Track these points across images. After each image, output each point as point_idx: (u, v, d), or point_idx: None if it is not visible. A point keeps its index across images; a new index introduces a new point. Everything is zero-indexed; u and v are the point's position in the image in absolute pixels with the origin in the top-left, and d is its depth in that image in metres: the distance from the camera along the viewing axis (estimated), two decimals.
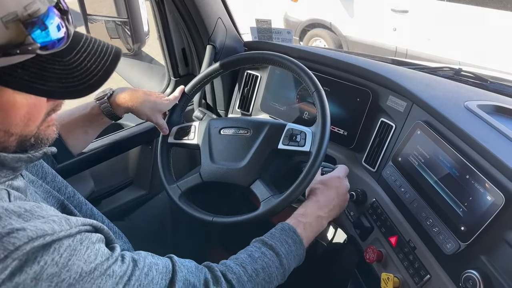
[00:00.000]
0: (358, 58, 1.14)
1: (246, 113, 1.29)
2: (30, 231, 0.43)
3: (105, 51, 0.52)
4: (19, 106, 0.47)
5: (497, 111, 0.91)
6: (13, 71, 0.43)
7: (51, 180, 0.71)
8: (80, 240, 0.48)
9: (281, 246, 0.73)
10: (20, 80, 0.44)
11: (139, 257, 0.57)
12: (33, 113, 0.50)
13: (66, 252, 0.45)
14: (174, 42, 1.31)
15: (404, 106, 0.93)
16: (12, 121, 0.48)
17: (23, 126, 0.49)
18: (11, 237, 0.41)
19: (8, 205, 0.45)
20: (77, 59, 0.49)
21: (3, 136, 0.48)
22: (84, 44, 0.51)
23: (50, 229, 0.45)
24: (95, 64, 0.50)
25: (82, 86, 0.49)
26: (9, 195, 0.47)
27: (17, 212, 0.44)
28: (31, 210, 0.46)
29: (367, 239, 0.94)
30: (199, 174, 0.92)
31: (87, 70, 0.49)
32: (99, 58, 0.51)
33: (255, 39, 1.37)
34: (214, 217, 0.85)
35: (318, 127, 0.83)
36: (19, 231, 0.42)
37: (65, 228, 0.47)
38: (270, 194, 0.83)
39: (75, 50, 0.49)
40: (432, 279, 0.76)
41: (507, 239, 0.64)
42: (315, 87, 0.85)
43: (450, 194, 0.75)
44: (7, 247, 0.41)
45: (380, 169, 0.95)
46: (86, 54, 0.50)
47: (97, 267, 0.48)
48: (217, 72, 1.01)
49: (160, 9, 1.23)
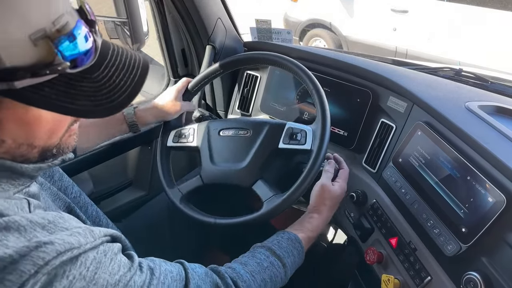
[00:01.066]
0: (358, 59, 1.13)
1: (246, 113, 1.29)
2: (58, 244, 0.42)
3: (133, 64, 0.51)
4: (43, 121, 0.47)
5: (498, 111, 0.91)
6: (40, 90, 0.42)
7: (58, 179, 0.70)
8: (104, 252, 0.48)
9: (288, 258, 0.74)
10: (47, 99, 0.43)
11: (154, 265, 0.57)
12: (56, 127, 0.49)
13: (92, 265, 0.46)
14: (174, 43, 1.31)
15: (404, 106, 0.93)
16: (36, 135, 0.47)
17: (46, 139, 0.49)
18: (40, 251, 0.41)
19: (32, 216, 0.44)
20: (105, 74, 0.47)
21: (26, 149, 0.48)
22: (111, 57, 0.49)
23: (77, 242, 0.45)
24: (124, 80, 0.49)
25: (110, 104, 0.47)
26: (29, 205, 0.47)
27: (41, 224, 0.44)
28: (54, 222, 0.46)
29: (367, 240, 0.94)
30: (200, 176, 0.92)
31: (115, 87, 0.48)
32: (127, 73, 0.49)
33: (254, 39, 1.36)
34: (216, 219, 0.85)
35: (318, 125, 0.83)
36: (47, 245, 0.42)
37: (90, 241, 0.47)
38: (273, 194, 0.82)
39: (103, 65, 0.48)
40: (432, 280, 0.76)
41: (509, 240, 0.64)
42: (313, 85, 0.85)
43: (451, 195, 0.74)
44: (36, 262, 0.40)
45: (381, 170, 0.95)
46: (114, 68, 0.48)
47: (121, 279, 0.49)
48: (216, 73, 1.01)
49: (159, 9, 1.23)
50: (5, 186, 0.47)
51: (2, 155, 0.46)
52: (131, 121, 0.94)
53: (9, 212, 0.43)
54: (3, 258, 0.39)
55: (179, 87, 1.01)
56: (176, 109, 0.98)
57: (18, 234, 0.42)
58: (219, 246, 1.25)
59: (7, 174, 0.47)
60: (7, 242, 0.40)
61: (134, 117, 0.94)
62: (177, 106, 0.98)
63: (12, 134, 0.45)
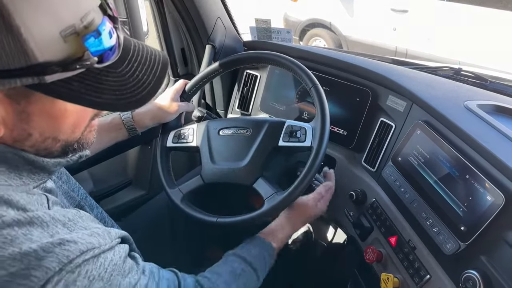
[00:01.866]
0: (358, 58, 1.14)
1: (246, 113, 1.29)
2: (81, 244, 0.44)
3: (153, 59, 0.52)
4: (68, 115, 0.48)
5: (497, 110, 0.91)
6: (69, 84, 0.43)
7: (66, 181, 0.72)
8: (119, 254, 0.50)
9: (258, 262, 0.76)
10: (76, 93, 0.44)
11: (154, 270, 0.59)
12: (80, 121, 0.51)
13: (110, 267, 0.47)
14: (173, 42, 1.31)
15: (404, 106, 0.93)
16: (61, 129, 0.49)
17: (70, 133, 0.50)
18: (64, 249, 0.42)
19: (54, 213, 0.46)
20: (129, 69, 0.49)
21: (51, 143, 0.49)
22: (134, 53, 0.51)
23: (97, 243, 0.46)
24: (146, 75, 0.50)
25: (134, 98, 0.49)
26: (48, 201, 0.48)
27: (62, 221, 0.46)
28: (74, 220, 0.47)
29: (367, 239, 0.94)
30: (200, 176, 0.92)
31: (139, 81, 0.49)
32: (149, 68, 0.51)
33: (254, 38, 1.36)
34: (218, 218, 0.85)
35: (317, 122, 0.83)
36: (70, 243, 0.43)
37: (108, 242, 0.49)
38: (274, 192, 0.83)
39: (126, 60, 0.49)
40: (432, 279, 0.76)
41: (507, 239, 0.64)
42: (312, 83, 0.85)
43: (450, 194, 0.74)
44: (61, 259, 0.42)
45: (380, 169, 0.95)
46: (137, 64, 0.50)
47: (131, 281, 0.51)
48: (216, 72, 1.01)
49: (159, 9, 1.23)
50: (25, 180, 0.48)
51: (27, 148, 0.48)
52: (129, 126, 0.94)
53: (31, 207, 0.45)
54: (28, 253, 0.40)
55: (177, 88, 1.01)
56: (174, 110, 0.98)
57: (41, 230, 0.43)
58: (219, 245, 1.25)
59: (28, 168, 0.48)
60: (32, 236, 0.42)
61: (132, 121, 0.94)
62: (175, 107, 0.98)
63: (39, 127, 0.47)
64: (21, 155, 0.47)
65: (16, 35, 0.38)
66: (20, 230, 0.42)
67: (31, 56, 0.39)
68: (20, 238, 0.41)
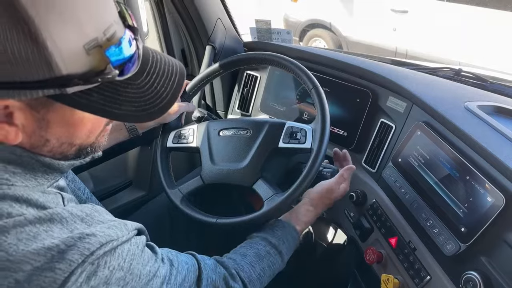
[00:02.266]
0: (358, 59, 1.14)
1: (246, 113, 1.29)
2: (100, 236, 0.46)
3: (171, 71, 0.53)
4: (86, 122, 0.49)
5: (497, 111, 0.91)
6: (89, 95, 0.44)
7: (72, 180, 0.73)
8: (136, 244, 0.52)
9: (283, 245, 0.78)
10: (95, 104, 0.45)
11: (172, 256, 0.61)
12: (95, 127, 0.52)
13: (128, 256, 0.49)
14: (174, 43, 1.31)
15: (404, 106, 0.93)
16: (78, 135, 0.50)
17: (85, 138, 0.52)
18: (85, 242, 0.44)
19: (72, 209, 0.47)
20: (148, 81, 0.50)
21: (67, 148, 0.51)
22: (152, 63, 0.52)
23: (115, 235, 0.48)
24: (164, 87, 0.51)
25: (152, 109, 0.50)
26: (63, 199, 0.50)
27: (80, 216, 0.47)
28: (91, 215, 0.49)
29: (367, 240, 0.94)
30: (200, 177, 0.92)
31: (157, 93, 0.50)
32: (167, 79, 0.52)
33: (254, 39, 1.36)
34: (218, 219, 0.85)
35: (318, 124, 0.83)
36: (90, 237, 0.45)
37: (125, 234, 0.50)
38: (273, 193, 0.83)
39: (145, 71, 0.50)
40: (432, 280, 0.76)
41: (507, 240, 0.64)
42: (312, 84, 0.85)
43: (450, 195, 0.74)
44: (83, 252, 0.43)
45: (380, 170, 0.95)
46: (155, 75, 0.51)
47: (151, 269, 0.53)
48: (216, 73, 1.01)
49: (159, 10, 1.23)
50: (40, 180, 0.50)
51: (45, 153, 0.49)
52: (130, 126, 0.95)
53: (50, 204, 0.47)
54: (51, 247, 0.42)
55: None
56: (174, 111, 0.98)
57: (61, 226, 0.45)
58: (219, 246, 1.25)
59: (43, 170, 0.50)
60: (52, 233, 0.43)
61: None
62: (176, 108, 0.98)
63: (56, 134, 0.48)
64: (38, 159, 0.48)
65: (41, 47, 0.38)
66: (42, 227, 0.43)
67: (55, 68, 0.40)
68: (42, 234, 0.43)
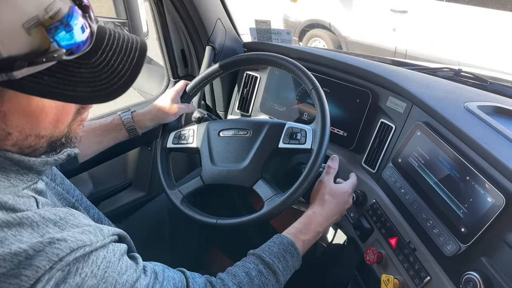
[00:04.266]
0: (358, 59, 1.14)
1: (246, 114, 1.29)
2: (71, 241, 0.43)
3: (130, 47, 0.50)
4: (47, 111, 0.46)
5: (497, 112, 0.91)
6: (39, 79, 0.42)
7: (60, 183, 0.71)
8: (113, 252, 0.49)
9: (279, 263, 0.72)
10: (47, 87, 0.42)
11: (158, 269, 0.59)
12: (61, 115, 0.49)
13: (103, 264, 0.47)
14: (173, 43, 1.31)
15: (404, 107, 0.93)
16: (42, 125, 0.47)
17: (52, 128, 0.49)
18: (54, 247, 0.42)
19: (44, 212, 0.45)
20: (103, 59, 0.47)
21: (34, 140, 0.48)
22: (108, 41, 0.48)
23: (88, 240, 0.46)
24: (122, 64, 0.48)
25: (110, 88, 0.47)
26: (37, 203, 0.48)
27: (53, 220, 0.45)
28: (65, 218, 0.47)
29: (367, 241, 0.94)
30: (200, 177, 0.92)
31: (114, 71, 0.47)
32: (125, 56, 0.49)
33: (254, 40, 1.36)
34: (218, 220, 0.85)
35: (318, 124, 0.83)
36: (60, 242, 0.43)
37: (100, 239, 0.48)
38: (274, 194, 0.83)
39: (100, 49, 0.47)
40: (432, 280, 0.76)
41: (508, 240, 0.64)
42: (312, 85, 0.85)
43: (450, 195, 0.74)
44: (51, 258, 0.41)
45: (380, 170, 0.95)
46: (111, 53, 0.48)
47: (128, 279, 0.50)
48: (216, 73, 1.01)
49: (159, 10, 1.23)
50: (14, 182, 0.47)
51: (10, 148, 0.46)
52: (129, 126, 0.94)
53: (21, 208, 0.45)
54: (18, 253, 0.40)
55: (177, 89, 1.01)
56: (175, 111, 0.98)
57: (31, 230, 0.43)
58: (219, 246, 1.25)
59: (16, 169, 0.47)
60: (21, 237, 0.42)
61: (132, 122, 0.94)
62: (175, 108, 0.98)
63: (17, 126, 0.45)
64: (5, 156, 0.46)
65: None
66: (10, 231, 0.41)
67: None
68: (9, 239, 0.41)
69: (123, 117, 0.94)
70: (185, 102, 1.03)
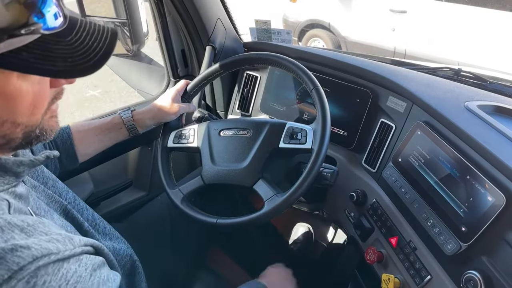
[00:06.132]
0: (357, 59, 1.14)
1: (246, 114, 1.29)
2: (35, 249, 0.41)
3: (102, 30, 0.52)
4: (25, 94, 0.46)
5: (497, 111, 0.91)
6: (18, 54, 0.42)
7: (52, 186, 0.70)
8: (85, 266, 0.46)
9: None
10: (26, 62, 0.43)
11: None
12: (38, 101, 0.49)
13: (73, 279, 0.43)
14: (174, 43, 1.31)
15: (404, 106, 0.93)
16: (19, 110, 0.47)
17: (29, 115, 0.48)
18: (15, 255, 0.39)
19: (11, 218, 0.43)
20: (78, 38, 0.49)
21: (10, 128, 0.47)
22: (81, 24, 0.51)
23: (55, 248, 0.43)
24: (96, 42, 0.50)
25: (88, 63, 0.48)
26: (9, 207, 0.46)
27: (20, 226, 0.43)
28: (34, 225, 0.44)
29: (367, 240, 0.94)
30: (201, 177, 0.92)
31: (89, 48, 0.49)
32: (98, 36, 0.51)
33: (254, 39, 1.37)
34: (218, 219, 0.85)
35: (318, 124, 0.83)
36: (23, 249, 0.40)
37: (69, 248, 0.45)
38: (274, 193, 0.83)
39: (74, 30, 0.49)
40: (433, 280, 0.76)
41: (508, 239, 0.64)
42: (313, 84, 0.85)
43: (450, 194, 0.75)
44: (11, 267, 0.38)
45: (380, 170, 0.95)
46: (85, 33, 0.50)
47: None
48: (217, 73, 1.01)
49: (159, 10, 1.23)
50: None
51: None
52: (130, 125, 0.94)
53: None
54: None
55: (178, 88, 1.01)
56: (175, 111, 0.98)
57: None
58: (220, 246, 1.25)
59: None
60: None
61: (133, 120, 0.94)
62: (176, 108, 0.98)
63: None
64: None
65: None
66: None
67: None
68: None
69: (123, 116, 0.94)
70: (185, 101, 1.03)
